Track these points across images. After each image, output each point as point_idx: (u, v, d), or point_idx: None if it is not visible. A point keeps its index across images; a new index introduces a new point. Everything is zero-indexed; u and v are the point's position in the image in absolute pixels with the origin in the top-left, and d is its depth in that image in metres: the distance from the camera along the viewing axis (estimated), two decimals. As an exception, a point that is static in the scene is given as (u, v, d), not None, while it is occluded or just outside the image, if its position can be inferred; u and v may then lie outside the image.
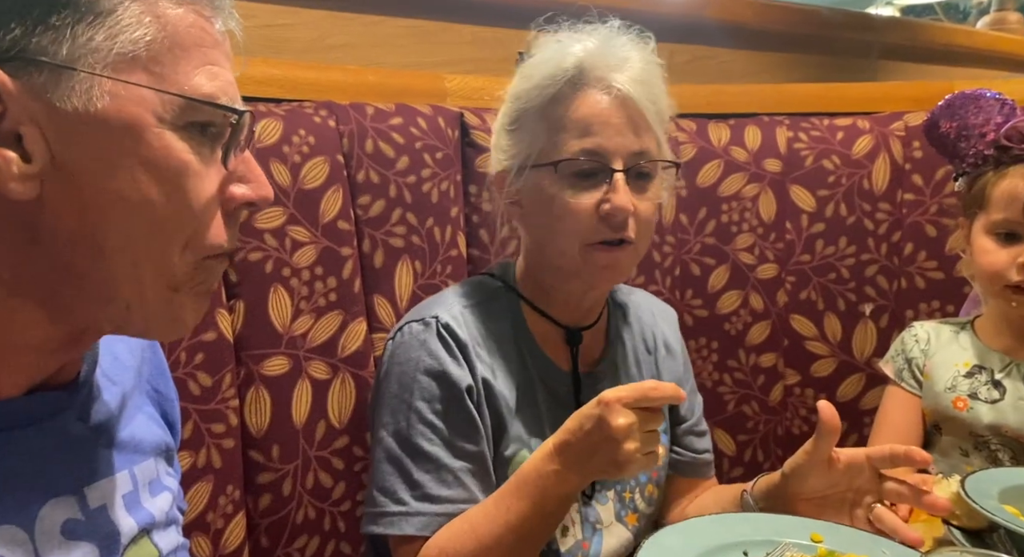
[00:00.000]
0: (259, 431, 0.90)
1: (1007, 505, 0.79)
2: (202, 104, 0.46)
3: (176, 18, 0.45)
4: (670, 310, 1.04)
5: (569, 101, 0.80)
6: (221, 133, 0.47)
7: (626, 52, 0.82)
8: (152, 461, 0.58)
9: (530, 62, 0.85)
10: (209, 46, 0.47)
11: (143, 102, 0.44)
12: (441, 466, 0.80)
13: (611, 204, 0.79)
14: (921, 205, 1.24)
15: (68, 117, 0.42)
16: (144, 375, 0.61)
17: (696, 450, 1.00)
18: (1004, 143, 0.95)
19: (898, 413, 1.06)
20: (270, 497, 0.91)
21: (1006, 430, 0.98)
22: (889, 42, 1.96)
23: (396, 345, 0.84)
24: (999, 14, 3.04)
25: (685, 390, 0.99)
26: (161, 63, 0.44)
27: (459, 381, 0.81)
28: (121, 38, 0.43)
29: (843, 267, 1.25)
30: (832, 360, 1.26)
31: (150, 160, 0.44)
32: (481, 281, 0.92)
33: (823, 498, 0.78)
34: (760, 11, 1.65)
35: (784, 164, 1.25)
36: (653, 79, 0.83)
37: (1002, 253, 0.94)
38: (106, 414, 0.54)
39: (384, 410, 0.83)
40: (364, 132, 1.00)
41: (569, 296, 0.88)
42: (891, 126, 1.27)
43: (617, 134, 0.80)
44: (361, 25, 1.27)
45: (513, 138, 0.85)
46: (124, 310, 0.47)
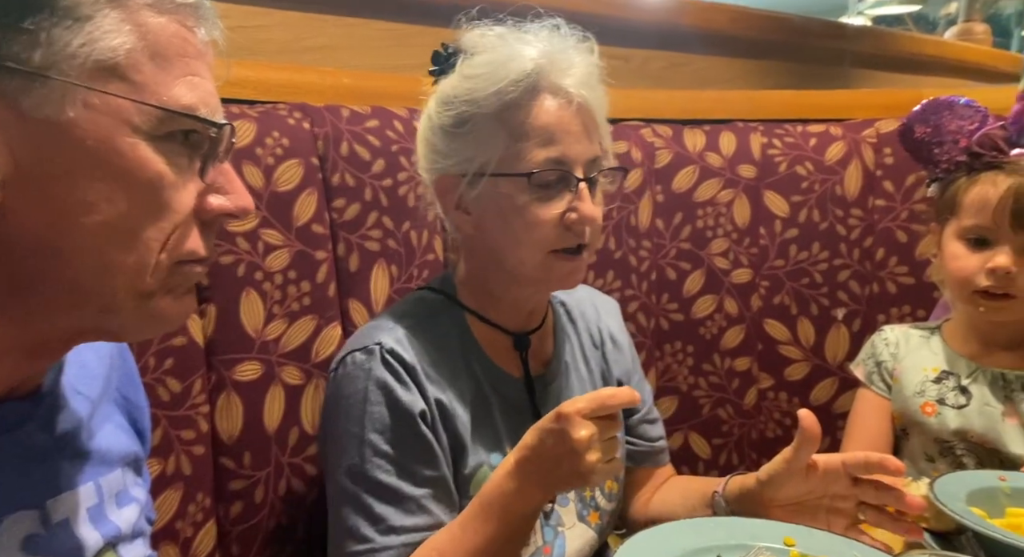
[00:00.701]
0: (230, 437, 0.89)
1: (974, 507, 0.80)
2: (181, 116, 0.45)
3: (158, 27, 0.44)
4: (612, 302, 1.04)
5: (528, 108, 0.78)
6: (201, 142, 0.47)
7: (574, 56, 0.81)
8: (119, 472, 0.56)
9: (477, 61, 0.80)
10: (191, 56, 0.46)
11: (119, 112, 0.43)
12: (403, 496, 0.77)
13: (578, 213, 0.79)
14: (892, 211, 1.26)
15: (38, 125, 0.41)
16: (113, 382, 0.60)
17: (650, 438, 1.00)
18: (976, 150, 0.96)
19: (869, 416, 1.07)
20: (241, 504, 0.90)
21: (971, 436, 0.99)
22: (860, 51, 1.99)
23: (341, 377, 0.81)
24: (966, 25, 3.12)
25: (634, 380, 1.00)
26: (140, 72, 0.43)
27: (411, 407, 0.78)
28: (99, 45, 0.42)
29: (816, 272, 1.26)
30: (805, 364, 1.27)
31: (123, 172, 0.43)
32: (420, 297, 0.89)
33: (798, 504, 0.79)
34: (735, 18, 1.67)
35: (758, 170, 1.27)
36: (598, 84, 0.83)
37: (972, 258, 0.95)
38: (72, 424, 0.52)
39: (335, 448, 0.80)
40: (339, 134, 0.99)
41: (517, 301, 0.87)
42: (863, 133, 1.28)
43: (576, 142, 0.79)
44: (337, 27, 1.26)
45: (460, 142, 0.81)
46: (97, 315, 0.46)
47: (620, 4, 1.50)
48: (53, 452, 0.51)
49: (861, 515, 0.77)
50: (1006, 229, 0.93)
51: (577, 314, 0.97)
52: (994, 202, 0.92)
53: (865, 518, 0.77)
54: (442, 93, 0.82)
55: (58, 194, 0.42)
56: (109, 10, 0.42)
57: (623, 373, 0.99)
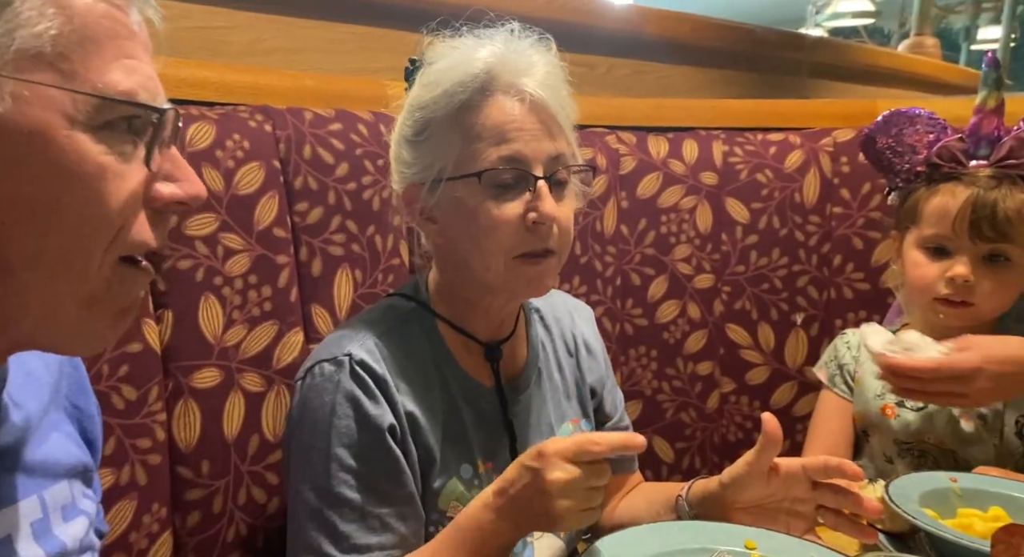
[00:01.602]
0: (188, 446, 0.87)
1: (927, 508, 0.82)
2: (119, 103, 0.42)
3: (85, 8, 0.41)
4: (586, 308, 1.03)
5: (480, 108, 0.77)
6: (144, 128, 0.44)
7: (531, 56, 0.80)
8: (66, 484, 0.54)
9: (433, 69, 0.80)
10: (124, 38, 0.43)
11: (51, 103, 0.40)
12: (367, 514, 0.75)
13: (538, 212, 0.77)
14: (849, 218, 1.29)
15: None
16: (62, 391, 0.57)
17: None
18: (935, 161, 0.99)
19: (831, 418, 1.10)
20: (199, 514, 0.88)
21: (930, 437, 1.02)
22: (818, 61, 2.04)
23: (308, 388, 0.78)
24: (917, 38, 3.22)
25: (607, 386, 1.00)
26: (70, 59, 0.41)
27: (379, 421, 0.76)
28: (20, 33, 0.39)
29: (776, 278, 1.29)
30: (766, 368, 1.29)
31: (62, 166, 0.41)
32: (392, 304, 0.87)
33: (759, 507, 0.80)
34: (697, 28, 1.70)
35: (720, 177, 1.29)
36: (559, 83, 0.81)
37: (932, 267, 0.98)
38: (12, 437, 0.50)
39: (299, 461, 0.78)
40: (302, 137, 0.98)
41: (489, 309, 0.85)
42: (820, 142, 1.31)
43: (533, 139, 0.77)
44: (300, 29, 1.25)
45: (420, 150, 0.80)
46: (32, 328, 0.44)
47: (585, 11, 1.51)
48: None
49: (820, 518, 0.79)
50: (965, 239, 0.95)
51: (552, 320, 0.96)
52: (953, 213, 0.95)
53: (823, 521, 0.78)
54: (406, 104, 0.83)
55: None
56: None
57: (596, 380, 0.98)
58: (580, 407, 0.95)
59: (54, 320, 0.44)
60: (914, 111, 1.04)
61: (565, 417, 0.93)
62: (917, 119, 1.02)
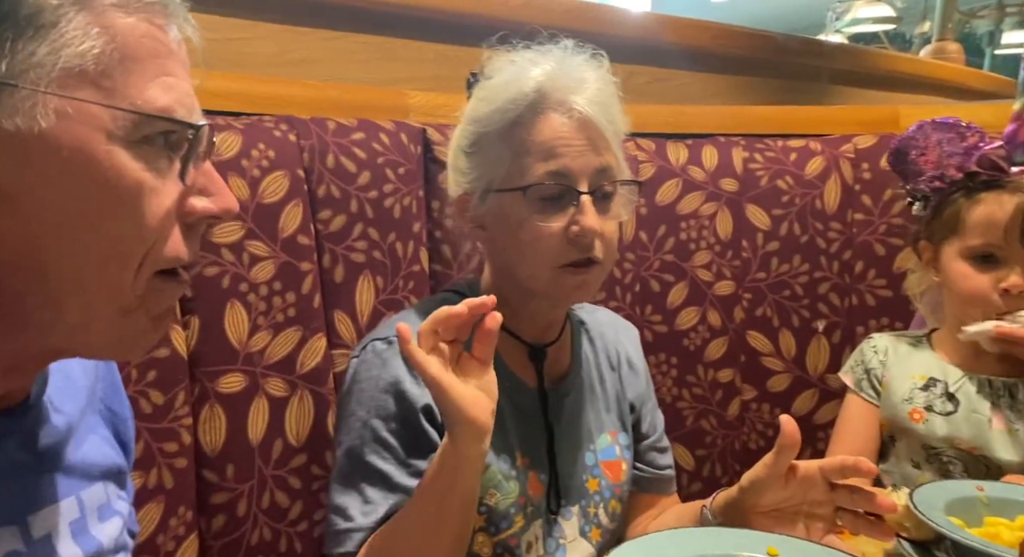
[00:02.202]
0: (213, 450, 0.88)
1: (953, 517, 0.81)
2: (157, 119, 0.43)
3: (127, 28, 0.42)
4: (632, 327, 1.05)
5: (531, 125, 0.81)
6: (180, 143, 0.45)
7: (583, 73, 0.83)
8: (102, 485, 0.55)
9: (488, 84, 0.84)
10: (163, 56, 0.44)
11: (92, 119, 0.41)
12: (395, 486, 0.79)
13: (580, 226, 0.79)
14: (870, 225, 1.28)
15: (10, 138, 0.40)
16: (97, 394, 0.59)
17: (658, 466, 1.01)
18: (974, 169, 0.98)
19: (856, 422, 1.09)
20: (224, 518, 0.89)
21: (959, 442, 1.01)
22: (838, 68, 2.03)
23: (359, 363, 0.84)
24: (940, 44, 3.19)
25: (648, 406, 1.01)
26: (111, 77, 0.42)
27: (416, 400, 0.80)
28: (66, 52, 0.40)
29: (797, 284, 1.28)
30: (787, 376, 1.28)
31: (101, 180, 0.42)
32: (446, 298, 0.91)
33: (779, 511, 0.80)
34: (716, 35, 1.70)
35: (740, 184, 1.29)
36: (609, 99, 0.84)
37: (982, 278, 0.97)
38: (53, 438, 0.51)
39: (343, 427, 0.83)
40: (325, 147, 1.00)
41: (535, 314, 0.88)
42: (841, 148, 1.31)
43: (580, 155, 0.80)
44: (323, 40, 1.27)
45: (473, 161, 0.85)
46: (68, 335, 0.45)
47: (605, 20, 1.52)
48: (34, 466, 0.50)
49: (839, 521, 0.78)
50: (1016, 247, 0.94)
51: (596, 334, 0.98)
52: (1003, 221, 0.94)
53: (842, 523, 0.78)
54: (463, 115, 0.87)
55: (35, 208, 0.41)
56: (74, 14, 0.40)
57: (636, 397, 0.99)
58: (619, 421, 0.97)
59: (91, 329, 0.45)
60: (947, 120, 1.03)
61: (604, 428, 0.94)
62: (950, 127, 1.01)
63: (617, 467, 0.94)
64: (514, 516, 0.85)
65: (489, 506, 0.84)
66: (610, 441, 0.95)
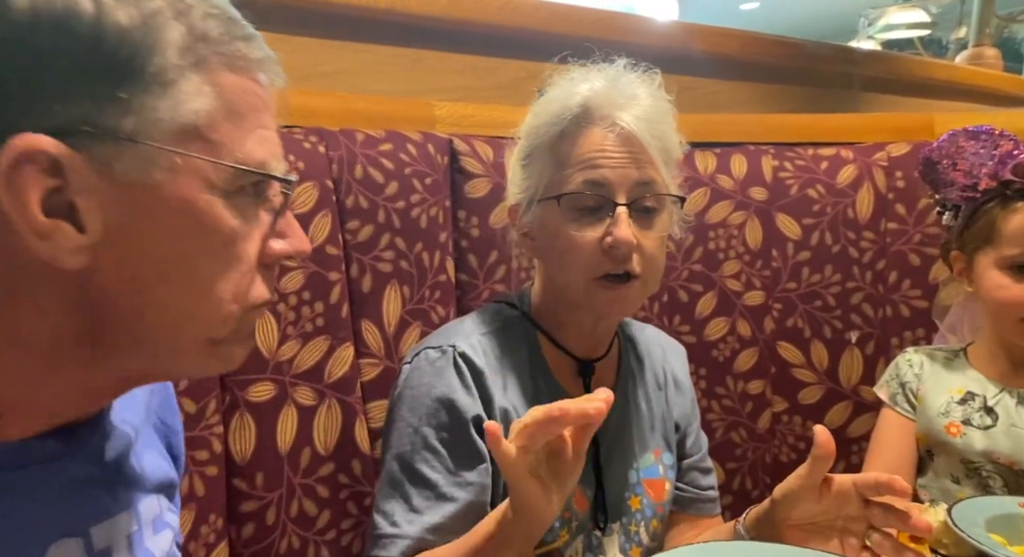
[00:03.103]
0: (243, 458, 0.89)
1: (993, 533, 0.79)
2: (255, 174, 0.46)
3: (232, 85, 0.45)
4: (679, 347, 1.05)
5: (574, 138, 0.82)
6: (263, 190, 0.48)
7: (633, 90, 0.83)
8: (156, 498, 0.56)
9: (541, 100, 0.86)
10: (260, 110, 0.47)
11: (198, 172, 0.43)
12: (442, 494, 0.79)
13: (613, 237, 0.79)
14: (904, 234, 1.26)
15: (127, 189, 0.42)
16: (152, 407, 0.60)
17: (700, 487, 1.00)
18: (1008, 178, 0.96)
19: (892, 437, 1.07)
20: (253, 526, 0.90)
21: (998, 457, 0.98)
22: (870, 75, 2.00)
23: (412, 369, 0.85)
24: (977, 49, 3.12)
25: (693, 426, 1.00)
26: (217, 131, 0.44)
27: (466, 411, 0.81)
28: (182, 109, 0.42)
29: (829, 295, 1.26)
30: (819, 387, 1.26)
31: (199, 228, 0.44)
32: (499, 309, 0.92)
33: (812, 525, 0.78)
34: (745, 43, 1.69)
35: (770, 192, 1.27)
36: (659, 115, 0.84)
37: (1019, 288, 0.95)
38: (116, 452, 0.53)
39: (391, 432, 0.84)
40: (354, 158, 1.01)
41: (581, 327, 0.89)
42: (874, 156, 1.29)
43: (619, 167, 0.81)
44: (352, 53, 1.28)
45: (525, 173, 0.87)
46: (157, 363, 0.47)
47: (632, 29, 1.52)
48: (99, 480, 0.51)
49: (867, 541, 0.76)
50: None
51: (644, 352, 0.98)
52: None
53: (870, 543, 0.76)
54: (521, 128, 0.88)
55: (141, 253, 0.43)
56: (192, 74, 0.43)
57: (682, 417, 0.99)
58: (664, 440, 0.96)
59: (180, 358, 0.48)
60: (980, 128, 1.01)
61: (648, 447, 0.94)
62: (983, 135, 1.00)
63: (660, 486, 0.94)
64: (559, 529, 0.85)
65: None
66: (653, 460, 0.94)
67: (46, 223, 0.40)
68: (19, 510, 0.45)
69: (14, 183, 0.39)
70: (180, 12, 0.42)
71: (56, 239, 0.41)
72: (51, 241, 0.40)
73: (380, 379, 1.00)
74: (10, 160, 0.38)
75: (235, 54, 0.45)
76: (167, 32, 0.42)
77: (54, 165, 0.40)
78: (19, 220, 0.40)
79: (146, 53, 0.41)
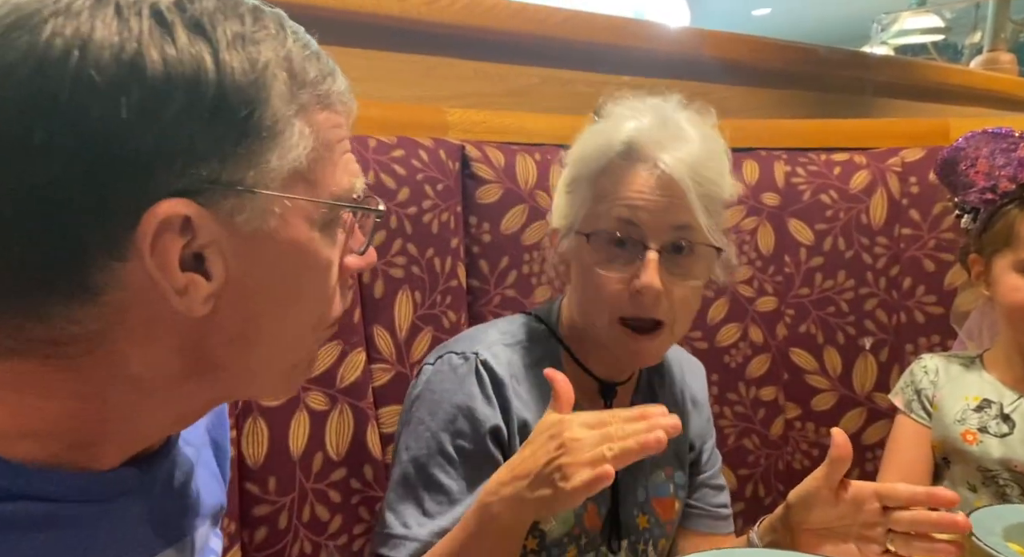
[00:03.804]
0: (256, 463, 0.90)
1: (1012, 542, 0.78)
2: (349, 207, 0.48)
3: (323, 122, 0.46)
4: (698, 364, 1.04)
5: (616, 174, 0.81)
6: (342, 216, 0.49)
7: (679, 131, 0.81)
8: (207, 524, 0.57)
9: (593, 128, 0.85)
10: (344, 138, 0.48)
11: (302, 212, 0.45)
12: (455, 500, 0.79)
13: (640, 281, 0.78)
14: (919, 240, 1.25)
15: (246, 238, 0.43)
16: (208, 428, 0.61)
17: (711, 504, 0.99)
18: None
19: (908, 444, 1.06)
20: (266, 530, 0.90)
21: (1015, 465, 0.97)
22: (883, 80, 1.99)
23: (433, 372, 0.85)
24: (992, 54, 3.10)
25: (708, 444, 1.00)
26: (315, 170, 0.45)
27: (485, 421, 0.81)
28: (290, 156, 0.43)
29: (842, 301, 1.25)
30: (833, 394, 1.25)
31: (305, 264, 0.46)
32: (526, 322, 0.91)
33: (827, 529, 0.77)
34: (756, 49, 1.68)
35: (782, 198, 1.27)
36: (706, 160, 0.81)
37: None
38: (183, 479, 0.54)
39: (409, 433, 0.84)
40: (366, 164, 1.01)
41: (604, 357, 0.88)
42: (888, 162, 1.28)
43: (656, 208, 0.78)
44: (365, 60, 1.29)
45: (567, 200, 0.86)
46: (235, 387, 0.49)
47: (643, 35, 1.52)
48: (166, 506, 0.52)
49: (889, 545, 0.75)
50: None
51: (665, 373, 0.98)
52: None
53: (894, 548, 0.75)
54: (569, 153, 0.87)
55: (257, 293, 0.45)
56: (296, 121, 0.44)
57: (697, 435, 0.98)
58: (676, 459, 0.96)
59: (263, 384, 0.50)
60: (999, 130, 1.00)
61: (660, 465, 0.93)
62: (1002, 137, 0.99)
63: (669, 505, 0.93)
64: (567, 545, 0.85)
65: (543, 532, 0.83)
66: (664, 478, 0.94)
67: (183, 278, 0.41)
68: (99, 542, 0.46)
69: (157, 249, 0.40)
70: (284, 59, 0.43)
71: (191, 292, 0.42)
72: (187, 295, 0.42)
73: (392, 384, 1.01)
74: (154, 228, 0.39)
75: (325, 93, 0.46)
76: (275, 83, 0.43)
77: (186, 223, 0.41)
78: (163, 282, 0.41)
79: (259, 107, 0.42)
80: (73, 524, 0.44)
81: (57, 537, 0.43)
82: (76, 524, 0.44)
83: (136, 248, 0.39)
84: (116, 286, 0.40)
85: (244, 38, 0.42)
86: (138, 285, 0.41)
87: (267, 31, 0.43)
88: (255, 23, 0.43)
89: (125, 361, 0.43)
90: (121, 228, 0.39)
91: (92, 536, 0.45)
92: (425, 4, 1.23)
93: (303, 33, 0.47)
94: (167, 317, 0.42)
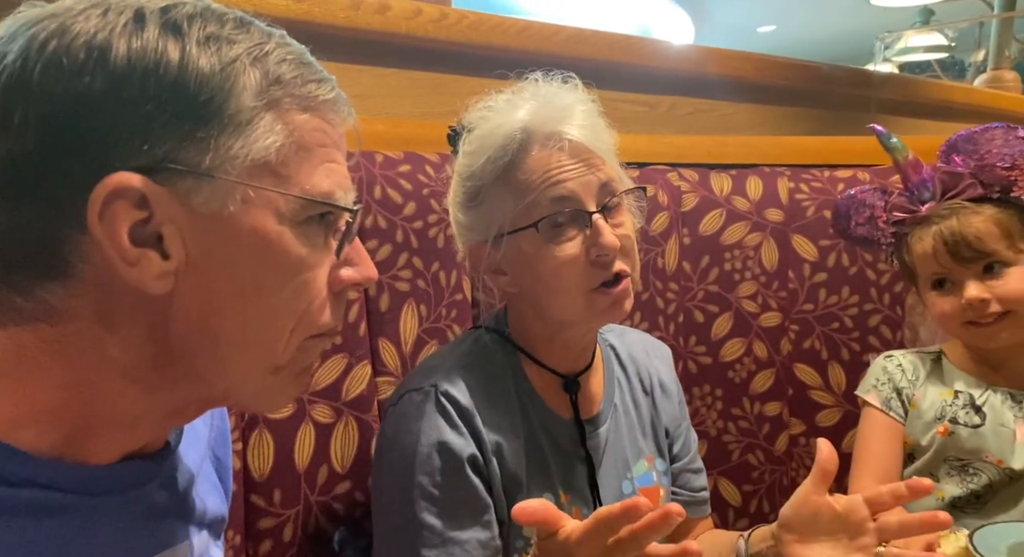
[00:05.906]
0: (261, 475, 0.90)
1: (1016, 560, 0.78)
2: (321, 204, 0.48)
3: (302, 123, 0.48)
4: (663, 347, 1.03)
5: (526, 164, 0.80)
6: (334, 221, 0.50)
7: (563, 101, 0.83)
8: (207, 533, 0.58)
9: (474, 136, 0.83)
10: (328, 145, 0.50)
11: (269, 203, 0.46)
12: (448, 540, 0.78)
13: (598, 246, 0.79)
14: (922, 256, 1.25)
15: (204, 219, 0.45)
16: (209, 442, 0.62)
17: (693, 488, 0.99)
18: (896, 219, 1.06)
19: (882, 441, 1.07)
20: (271, 543, 0.90)
21: (986, 455, 1.00)
22: (887, 97, 2.00)
23: (397, 415, 0.83)
24: (995, 72, 3.11)
25: (682, 427, 0.99)
26: (287, 166, 0.47)
27: (460, 451, 0.79)
28: (255, 146, 0.45)
29: (846, 317, 1.25)
30: (837, 410, 1.25)
31: (271, 257, 0.47)
32: (478, 336, 0.90)
33: (815, 539, 0.77)
34: (760, 66, 1.70)
35: (786, 214, 1.27)
36: (594, 119, 0.84)
37: (946, 300, 1.02)
38: (184, 483, 0.55)
39: (385, 481, 0.82)
40: (373, 179, 1.02)
41: (567, 342, 0.88)
42: (890, 179, 1.29)
43: (579, 176, 0.80)
44: (372, 77, 1.31)
45: (477, 213, 0.84)
46: (225, 390, 0.50)
47: (646, 53, 1.53)
48: (167, 509, 0.53)
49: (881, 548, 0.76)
50: (956, 268, 0.99)
51: (627, 358, 0.97)
52: (931, 253, 1.01)
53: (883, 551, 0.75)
54: (455, 172, 0.86)
55: (218, 280, 0.46)
56: (265, 113, 0.46)
57: (670, 421, 0.98)
58: (655, 446, 0.96)
59: (244, 384, 0.50)
60: (855, 194, 1.10)
61: (641, 454, 0.93)
62: (859, 196, 1.09)
63: (654, 493, 0.93)
64: None
65: (526, 538, 0.83)
66: (647, 467, 0.93)
67: (134, 251, 0.43)
68: (99, 535, 0.47)
69: (106, 216, 0.43)
70: (257, 58, 0.46)
71: (143, 265, 0.44)
72: (139, 267, 0.44)
73: (397, 397, 1.01)
74: (104, 196, 0.42)
75: (307, 96, 0.48)
76: (244, 77, 0.45)
77: (141, 199, 0.43)
78: (110, 249, 0.43)
79: (224, 97, 0.44)
80: (78, 515, 0.46)
81: (63, 525, 0.45)
82: (80, 515, 0.46)
83: (90, 218, 0.42)
84: (81, 258, 0.44)
85: (219, 38, 0.45)
86: (98, 259, 0.43)
87: (247, 35, 0.46)
88: (236, 29, 0.46)
89: (103, 344, 0.45)
90: (81, 199, 0.42)
91: (95, 528, 0.46)
92: (433, 22, 1.25)
93: (297, 45, 0.50)
94: (130, 295, 0.44)
